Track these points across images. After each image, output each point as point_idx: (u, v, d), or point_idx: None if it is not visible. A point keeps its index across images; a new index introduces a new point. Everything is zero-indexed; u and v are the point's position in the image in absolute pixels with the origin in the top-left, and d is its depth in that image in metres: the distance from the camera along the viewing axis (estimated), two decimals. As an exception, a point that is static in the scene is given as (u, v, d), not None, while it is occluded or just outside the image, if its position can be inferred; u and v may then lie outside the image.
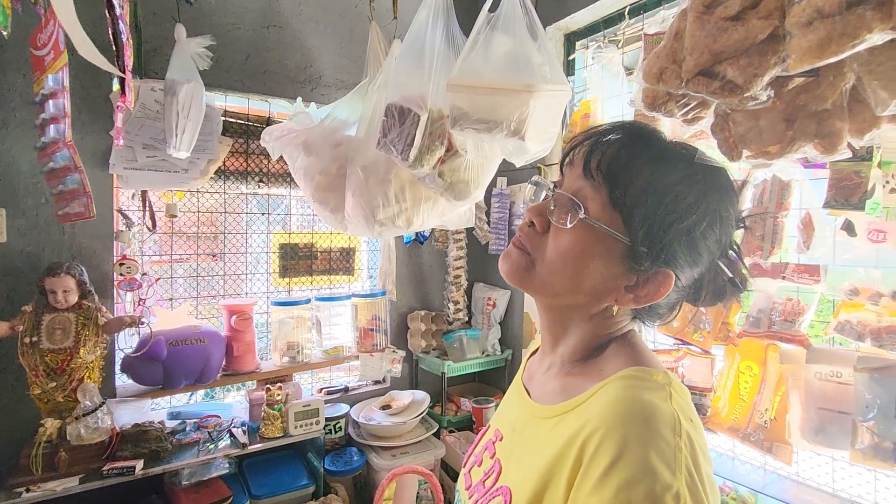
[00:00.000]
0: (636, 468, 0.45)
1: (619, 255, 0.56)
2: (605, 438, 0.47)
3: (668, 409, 0.49)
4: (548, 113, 1.23)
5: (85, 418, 1.43)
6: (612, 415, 0.49)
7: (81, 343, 1.46)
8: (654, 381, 0.53)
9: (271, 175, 2.05)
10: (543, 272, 0.59)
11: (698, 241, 0.55)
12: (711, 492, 0.47)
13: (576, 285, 0.58)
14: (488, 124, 1.22)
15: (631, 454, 0.45)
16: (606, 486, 0.45)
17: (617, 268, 0.56)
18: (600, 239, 0.55)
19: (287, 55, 1.99)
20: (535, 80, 1.17)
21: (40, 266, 1.53)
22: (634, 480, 0.44)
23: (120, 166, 1.64)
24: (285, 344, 1.98)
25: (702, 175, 0.56)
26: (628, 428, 0.48)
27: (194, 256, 1.95)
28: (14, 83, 1.50)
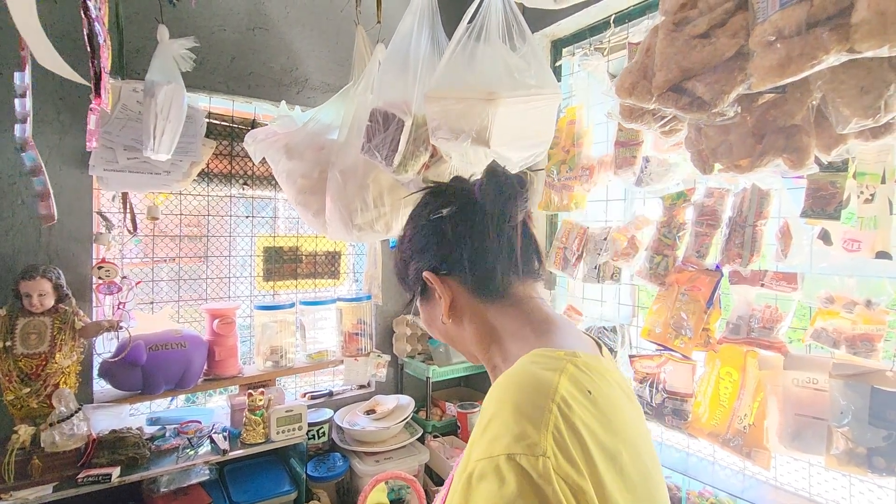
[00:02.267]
0: (501, 424, 0.47)
1: (427, 305, 0.72)
2: (487, 404, 0.52)
3: (548, 377, 0.51)
4: (527, 119, 1.23)
5: (60, 425, 1.40)
6: (497, 385, 0.53)
7: (57, 348, 1.43)
8: (553, 357, 0.56)
9: (256, 177, 2.04)
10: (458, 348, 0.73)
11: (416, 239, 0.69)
12: (605, 462, 0.47)
13: (458, 340, 0.71)
14: (455, 133, 1.22)
15: (499, 414, 0.49)
16: (480, 444, 0.47)
17: (434, 311, 0.70)
18: (423, 309, 0.73)
19: (273, 58, 1.98)
20: (498, 88, 1.17)
21: (15, 269, 1.50)
22: (499, 435, 0.46)
23: (100, 168, 1.62)
24: (268, 348, 1.97)
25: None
26: (505, 392, 0.51)
27: (176, 259, 1.93)
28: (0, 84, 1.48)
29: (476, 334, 0.67)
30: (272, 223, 2.20)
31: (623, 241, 1.69)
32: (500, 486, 0.43)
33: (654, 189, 1.64)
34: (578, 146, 1.84)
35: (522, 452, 0.44)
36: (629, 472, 0.49)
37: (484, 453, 0.46)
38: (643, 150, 1.61)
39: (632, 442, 0.53)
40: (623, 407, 0.57)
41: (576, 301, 1.94)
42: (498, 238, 0.65)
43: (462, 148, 1.23)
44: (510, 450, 0.45)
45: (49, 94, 1.56)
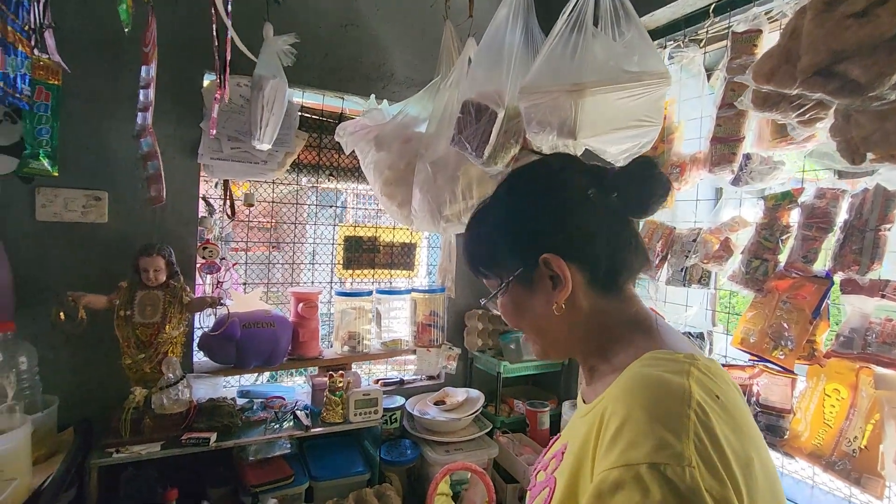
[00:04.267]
0: (638, 432, 0.46)
1: (522, 292, 0.65)
2: (615, 409, 0.50)
3: (678, 382, 0.50)
4: (626, 108, 1.18)
5: (167, 389, 1.54)
6: (622, 389, 0.52)
7: (168, 319, 1.57)
8: (673, 360, 0.54)
9: (341, 169, 2.12)
10: (544, 341, 0.69)
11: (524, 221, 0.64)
12: (741, 470, 0.44)
13: (552, 333, 0.66)
14: (542, 126, 1.21)
15: (634, 420, 0.47)
16: (612, 451, 0.46)
17: (538, 297, 0.63)
18: (509, 300, 0.66)
19: (362, 53, 2.05)
20: (585, 79, 1.14)
21: (134, 246, 1.65)
22: (636, 443, 0.45)
23: (207, 156, 1.75)
24: (346, 333, 2.04)
25: (494, 194, 0.70)
26: (634, 397, 0.50)
27: (266, 245, 2.05)
28: (122, 79, 1.63)
29: (579, 329, 0.64)
30: (347, 213, 2.29)
31: (715, 243, 1.60)
32: (642, 497, 0.41)
33: (755, 188, 1.54)
34: (668, 143, 1.76)
35: (667, 462, 0.42)
36: (760, 481, 0.47)
37: (618, 461, 0.44)
38: (744, 147, 1.51)
39: (759, 448, 0.51)
40: (747, 411, 0.55)
41: (656, 305, 1.86)
42: (629, 231, 0.63)
43: (550, 141, 1.22)
44: (653, 458, 0.43)
45: (168, 88, 1.70)
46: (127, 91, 1.64)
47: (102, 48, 1.60)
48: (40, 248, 1.56)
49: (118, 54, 1.62)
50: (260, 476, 1.61)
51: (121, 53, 1.62)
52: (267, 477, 1.61)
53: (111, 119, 1.63)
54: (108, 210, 1.64)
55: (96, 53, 1.58)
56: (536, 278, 0.63)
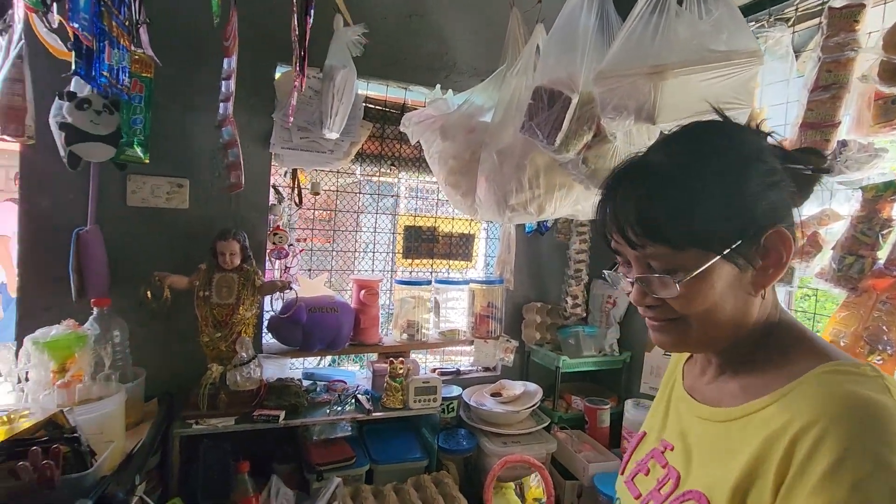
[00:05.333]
0: (869, 464, 0.42)
1: (728, 271, 0.54)
2: (825, 435, 0.45)
3: (885, 401, 0.46)
4: (711, 90, 1.11)
5: (241, 368, 1.61)
6: (828, 411, 0.46)
7: (241, 301, 1.64)
8: (864, 375, 0.49)
9: (402, 159, 2.15)
10: (703, 330, 0.58)
11: (752, 186, 0.53)
12: None
13: (726, 323, 0.57)
14: (619, 111, 1.16)
15: (860, 450, 0.43)
16: (837, 485, 0.42)
17: (737, 279, 0.55)
18: (705, 279, 0.54)
19: (425, 43, 2.05)
20: (666, 60, 1.07)
21: (211, 231, 1.74)
22: (870, 477, 0.41)
23: (278, 146, 1.82)
24: (405, 321, 2.07)
25: (689, 150, 0.56)
26: (851, 423, 0.45)
27: (324, 237, 2.11)
28: (204, 72, 1.71)
29: (749, 320, 0.57)
30: (400, 205, 2.31)
31: (802, 237, 1.49)
32: None
33: (851, 178, 1.41)
34: (750, 130, 1.65)
35: None
36: None
37: (853, 496, 0.41)
38: (839, 133, 1.39)
39: None
40: None
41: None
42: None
43: (626, 126, 1.17)
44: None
45: (242, 80, 1.77)
46: (206, 83, 1.72)
47: (185, 42, 1.68)
48: (130, 231, 1.68)
49: (199, 48, 1.70)
50: (324, 455, 1.67)
51: (201, 47, 1.70)
52: (330, 457, 1.66)
53: (192, 110, 1.72)
54: (189, 196, 1.74)
55: (179, 47, 1.67)
56: (751, 255, 0.53)
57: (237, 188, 1.52)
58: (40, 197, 1.57)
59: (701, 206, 0.52)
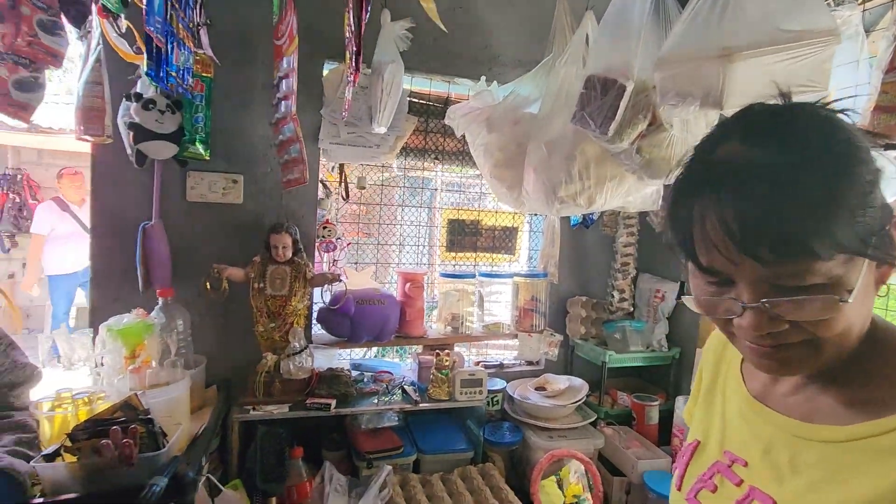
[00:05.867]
0: None
1: (866, 274, 0.46)
2: None
3: None
4: (784, 73, 1.06)
5: (293, 357, 1.67)
6: None
7: (293, 293, 1.69)
8: None
9: (446, 153, 2.15)
10: (833, 351, 0.49)
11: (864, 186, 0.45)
12: None
13: (857, 336, 0.49)
14: (683, 97, 1.12)
15: None
16: None
17: (870, 281, 0.48)
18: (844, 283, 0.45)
19: (468, 36, 2.05)
20: (735, 42, 1.02)
21: (264, 225, 1.80)
22: None
23: (327, 141, 1.86)
24: (449, 314, 2.08)
25: (802, 142, 0.46)
26: None
27: (361, 231, 2.15)
28: (257, 71, 1.77)
29: (858, 326, 0.50)
30: (442, 197, 2.32)
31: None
32: None
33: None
34: (815, 116, 1.56)
35: None
36: None
37: None
38: (918, 117, 1.30)
39: None
40: None
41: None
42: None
43: (689, 113, 1.13)
44: None
45: (293, 78, 1.83)
46: (259, 81, 1.79)
47: (239, 43, 1.74)
48: (189, 225, 1.75)
49: (251, 47, 1.76)
50: (373, 444, 1.70)
51: (254, 47, 1.76)
52: (379, 445, 1.70)
53: (245, 108, 1.78)
54: (242, 191, 1.80)
55: (234, 48, 1.73)
56: (887, 249, 0.47)
57: (300, 183, 1.56)
58: (110, 194, 1.67)
59: (841, 206, 0.44)
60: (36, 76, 0.97)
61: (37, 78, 0.97)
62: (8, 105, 0.93)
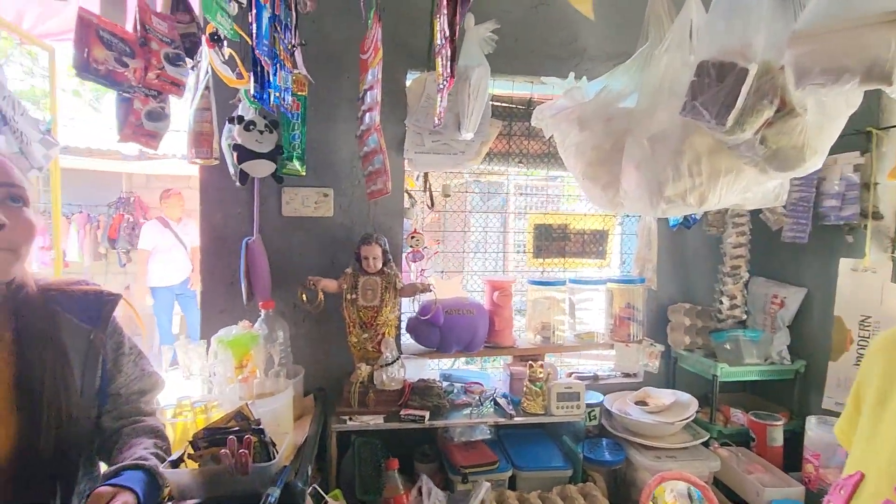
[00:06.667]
0: None
1: None
2: None
3: None
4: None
5: (386, 368, 1.67)
6: None
7: (384, 303, 1.70)
8: None
9: (530, 156, 2.08)
10: None
11: None
12: None
13: None
14: (834, 73, 0.96)
15: None
16: None
17: None
18: None
19: (552, 33, 1.97)
20: None
21: (353, 236, 1.84)
22: None
23: (411, 151, 1.86)
24: (539, 323, 2.00)
25: None
26: None
27: (451, 236, 2.11)
28: (342, 85, 1.82)
29: None
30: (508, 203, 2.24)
31: None
32: None
33: None
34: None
35: None
36: None
37: None
38: None
39: None
40: None
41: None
42: None
43: (841, 91, 0.97)
44: None
45: (378, 90, 1.85)
46: (345, 95, 1.82)
47: (326, 59, 1.79)
48: (285, 238, 1.82)
49: (337, 62, 1.80)
50: (467, 458, 1.66)
51: (340, 62, 1.80)
52: (474, 459, 1.65)
53: (332, 121, 1.83)
54: (333, 204, 1.85)
55: (322, 64, 1.78)
56: None
57: (383, 193, 1.56)
58: (215, 213, 1.77)
59: None
60: (163, 106, 1.03)
61: (163, 108, 1.04)
62: (141, 135, 1.00)
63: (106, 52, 0.91)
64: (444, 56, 1.18)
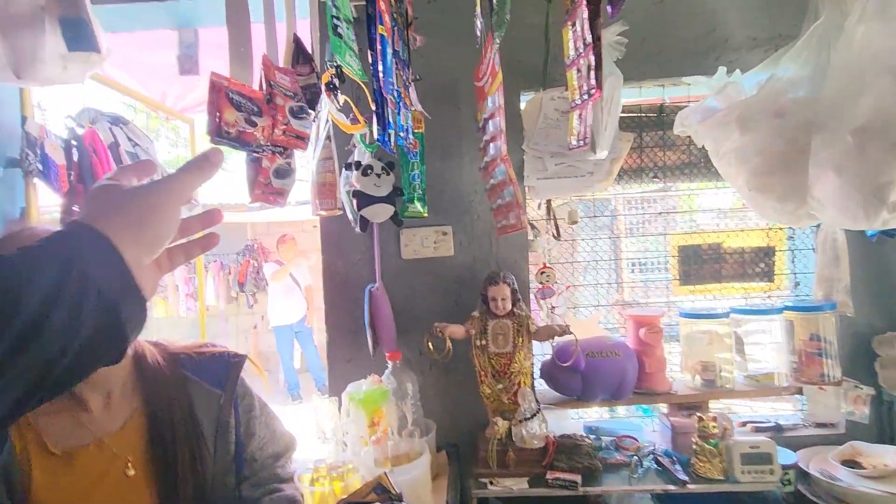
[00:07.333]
0: None
1: None
2: None
3: None
4: None
5: (525, 422, 1.48)
6: None
7: (518, 349, 1.52)
8: None
9: (667, 168, 1.81)
10: None
11: None
12: None
13: None
14: None
15: None
16: None
17: None
18: None
19: (683, 26, 1.71)
20: None
21: (476, 274, 1.71)
22: None
23: (533, 177, 1.70)
24: (698, 363, 1.68)
25: None
26: None
27: (589, 263, 1.89)
28: (455, 117, 1.72)
29: None
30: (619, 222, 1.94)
31: None
32: None
33: None
34: None
35: None
36: None
37: None
38: None
39: None
40: None
41: None
42: None
43: None
44: None
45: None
46: (462, 127, 1.73)
47: (439, 92, 1.71)
48: (406, 282, 1.74)
49: (451, 94, 1.72)
50: (631, 532, 1.40)
51: (453, 93, 1.72)
52: (640, 535, 1.39)
53: (448, 155, 1.74)
54: (453, 243, 1.73)
55: (434, 97, 1.70)
56: None
57: (516, 229, 1.41)
58: (336, 259, 1.75)
59: None
60: (289, 162, 0.99)
61: (289, 164, 0.99)
62: (270, 193, 0.96)
63: (236, 113, 0.88)
64: (585, 67, 1.02)
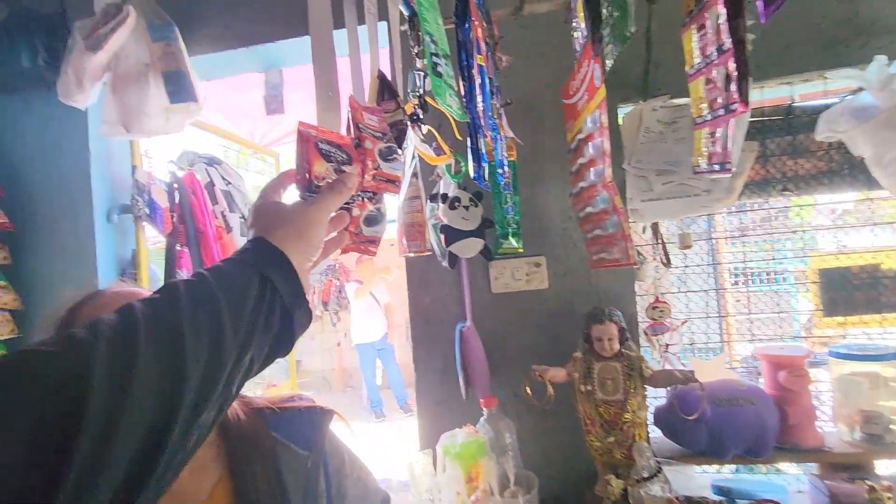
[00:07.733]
0: None
1: None
2: None
3: None
4: None
5: (644, 483, 1.28)
6: None
7: (630, 397, 1.34)
8: None
9: (798, 179, 1.54)
10: None
11: None
12: None
13: None
14: None
15: None
16: None
17: None
18: None
19: (817, 13, 1.46)
20: None
21: (574, 308, 1.55)
22: None
23: (637, 199, 1.50)
24: (857, 413, 1.39)
25: None
26: None
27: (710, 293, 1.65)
28: (544, 139, 1.59)
29: None
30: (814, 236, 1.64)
31: None
32: None
33: None
34: None
35: None
36: None
37: None
38: None
39: None
40: None
41: None
42: None
43: None
44: None
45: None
46: (550, 150, 1.59)
47: (524, 114, 1.58)
48: (498, 318, 1.62)
49: (538, 115, 1.59)
50: None
51: (540, 113, 1.58)
52: None
53: (539, 181, 1.60)
54: (547, 275, 1.59)
55: (518, 119, 1.58)
56: None
57: (622, 264, 1.24)
58: (423, 296, 1.67)
59: None
60: (379, 207, 0.91)
61: (379, 209, 0.91)
62: (360, 242, 0.88)
63: (325, 165, 0.81)
64: (721, 76, 0.84)
